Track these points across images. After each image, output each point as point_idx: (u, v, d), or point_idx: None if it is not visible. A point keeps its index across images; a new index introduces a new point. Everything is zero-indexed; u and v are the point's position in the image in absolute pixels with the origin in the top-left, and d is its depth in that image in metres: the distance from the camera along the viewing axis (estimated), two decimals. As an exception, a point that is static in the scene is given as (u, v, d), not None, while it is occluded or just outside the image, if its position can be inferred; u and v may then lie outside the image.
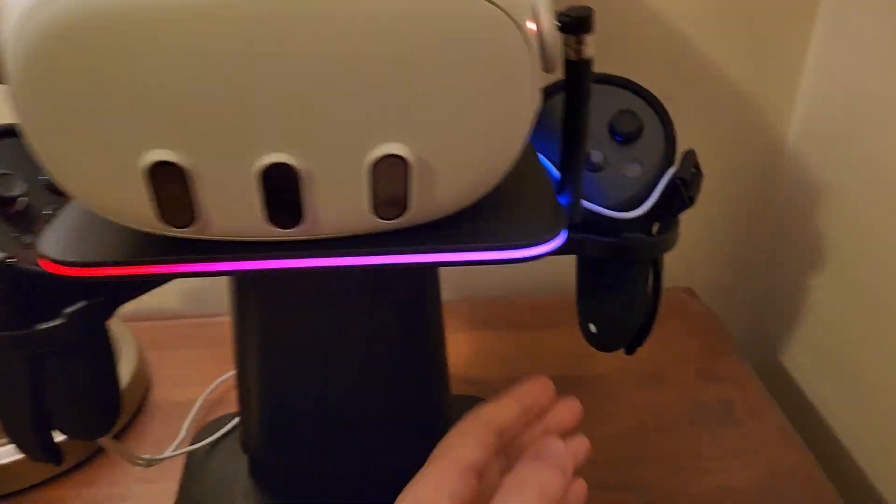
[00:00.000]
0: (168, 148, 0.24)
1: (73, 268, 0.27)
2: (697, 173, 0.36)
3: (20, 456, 0.46)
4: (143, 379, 0.56)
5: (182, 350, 0.60)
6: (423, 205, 0.26)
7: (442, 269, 0.38)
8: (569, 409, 0.34)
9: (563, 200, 0.30)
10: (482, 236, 0.28)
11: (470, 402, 0.33)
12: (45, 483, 0.47)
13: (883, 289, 0.54)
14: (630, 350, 0.41)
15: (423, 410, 0.40)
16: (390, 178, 0.25)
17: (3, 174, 0.31)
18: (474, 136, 0.25)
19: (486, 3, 0.22)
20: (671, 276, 0.37)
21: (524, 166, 0.33)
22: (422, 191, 0.26)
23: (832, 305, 0.61)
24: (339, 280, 0.35)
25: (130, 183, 0.24)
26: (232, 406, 0.53)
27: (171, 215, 0.25)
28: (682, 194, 0.34)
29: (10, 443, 0.46)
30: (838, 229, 0.59)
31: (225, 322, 0.63)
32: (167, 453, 0.43)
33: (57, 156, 0.24)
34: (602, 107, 0.34)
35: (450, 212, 0.27)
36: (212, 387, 0.54)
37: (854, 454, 0.57)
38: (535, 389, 0.33)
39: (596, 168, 0.34)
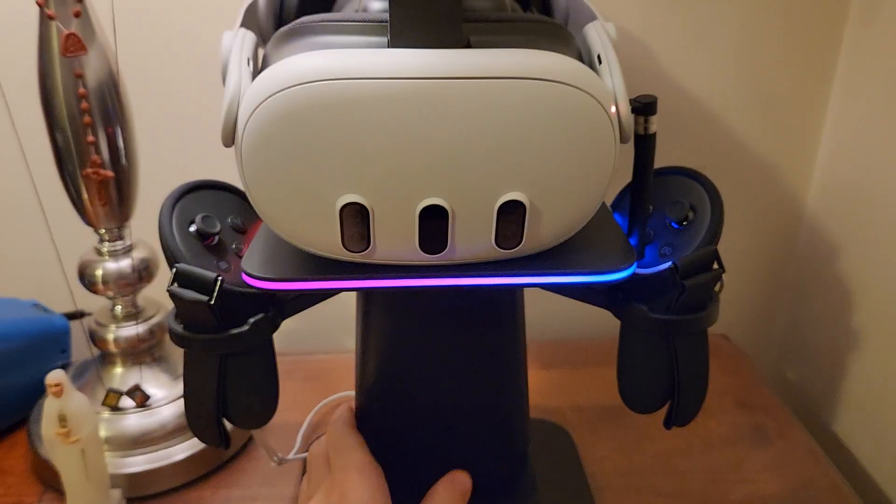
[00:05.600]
0: (357, 193, 0.33)
1: (271, 282, 0.36)
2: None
3: (163, 463, 0.55)
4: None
5: (284, 381, 0.69)
6: (533, 239, 0.35)
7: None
8: None
9: (632, 241, 0.40)
10: (574, 264, 0.37)
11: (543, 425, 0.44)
12: (185, 486, 0.56)
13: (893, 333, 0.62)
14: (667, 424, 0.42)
15: (506, 418, 0.49)
16: (511, 218, 0.34)
17: (206, 216, 0.41)
18: (573, 188, 0.34)
19: (585, 94, 0.31)
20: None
21: (602, 220, 0.42)
22: (532, 228, 0.35)
23: (851, 351, 0.69)
24: (456, 297, 0.44)
25: (325, 219, 0.34)
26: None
27: (352, 243, 0.34)
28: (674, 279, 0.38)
29: (161, 449, 0.56)
30: (855, 282, 0.68)
31: (319, 359, 0.73)
32: (292, 456, 0.52)
33: (272, 200, 0.34)
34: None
35: (551, 245, 0.36)
36: (316, 408, 0.63)
37: (875, 478, 0.64)
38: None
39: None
